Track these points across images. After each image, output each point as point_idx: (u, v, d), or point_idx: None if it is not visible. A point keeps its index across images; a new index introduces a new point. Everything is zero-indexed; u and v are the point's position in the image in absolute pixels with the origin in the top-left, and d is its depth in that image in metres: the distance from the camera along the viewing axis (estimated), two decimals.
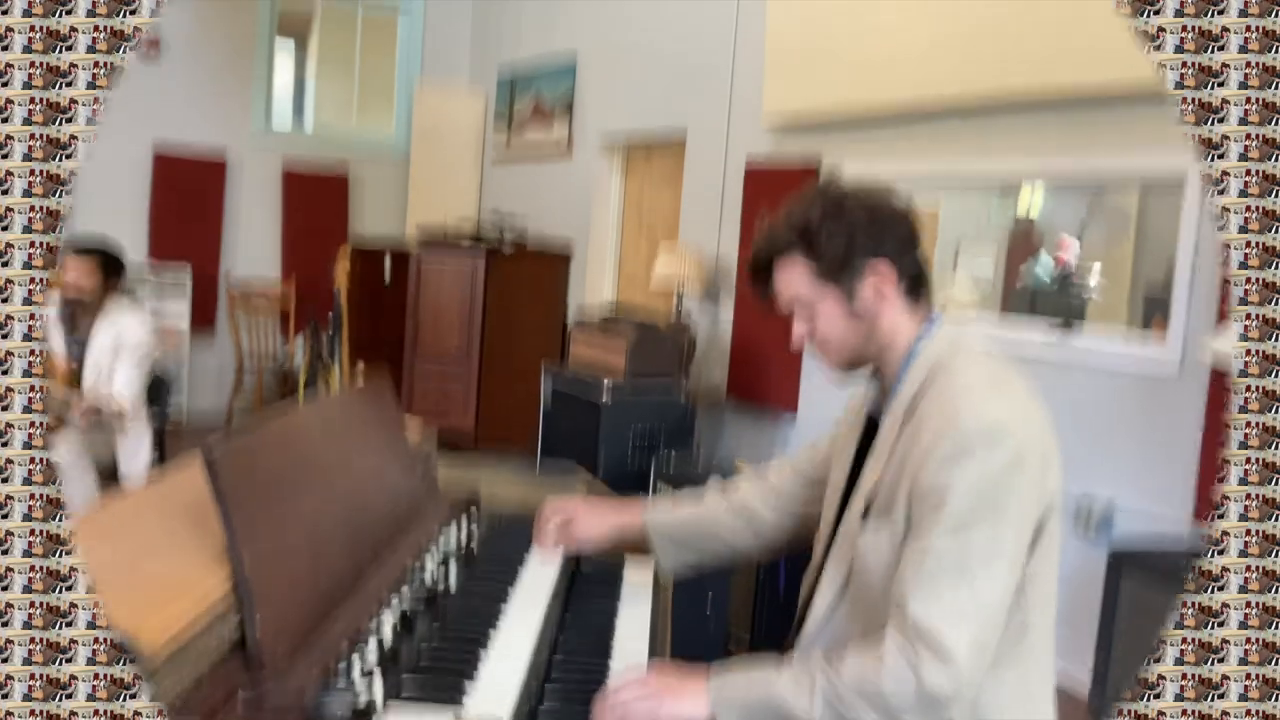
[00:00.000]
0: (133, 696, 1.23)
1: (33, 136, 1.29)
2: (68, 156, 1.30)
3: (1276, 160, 1.41)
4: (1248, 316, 1.43)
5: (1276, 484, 1.42)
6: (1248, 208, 1.42)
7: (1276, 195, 1.41)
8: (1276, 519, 1.42)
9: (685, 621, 2.03)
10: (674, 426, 4.99)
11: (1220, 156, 1.42)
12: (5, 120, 1.29)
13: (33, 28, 1.30)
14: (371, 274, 6.63)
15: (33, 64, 1.30)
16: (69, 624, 1.27)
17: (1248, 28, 1.41)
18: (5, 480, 1.28)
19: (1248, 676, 1.43)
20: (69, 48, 1.31)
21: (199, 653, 1.21)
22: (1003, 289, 7.12)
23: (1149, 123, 3.66)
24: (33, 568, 1.28)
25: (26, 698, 1.25)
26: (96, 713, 1.25)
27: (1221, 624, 1.43)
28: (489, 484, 2.29)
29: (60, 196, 1.30)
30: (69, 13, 1.30)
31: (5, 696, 1.24)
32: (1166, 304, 3.73)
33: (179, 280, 6.96)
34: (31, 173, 1.29)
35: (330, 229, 7.52)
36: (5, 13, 1.29)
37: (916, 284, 1.58)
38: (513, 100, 7.42)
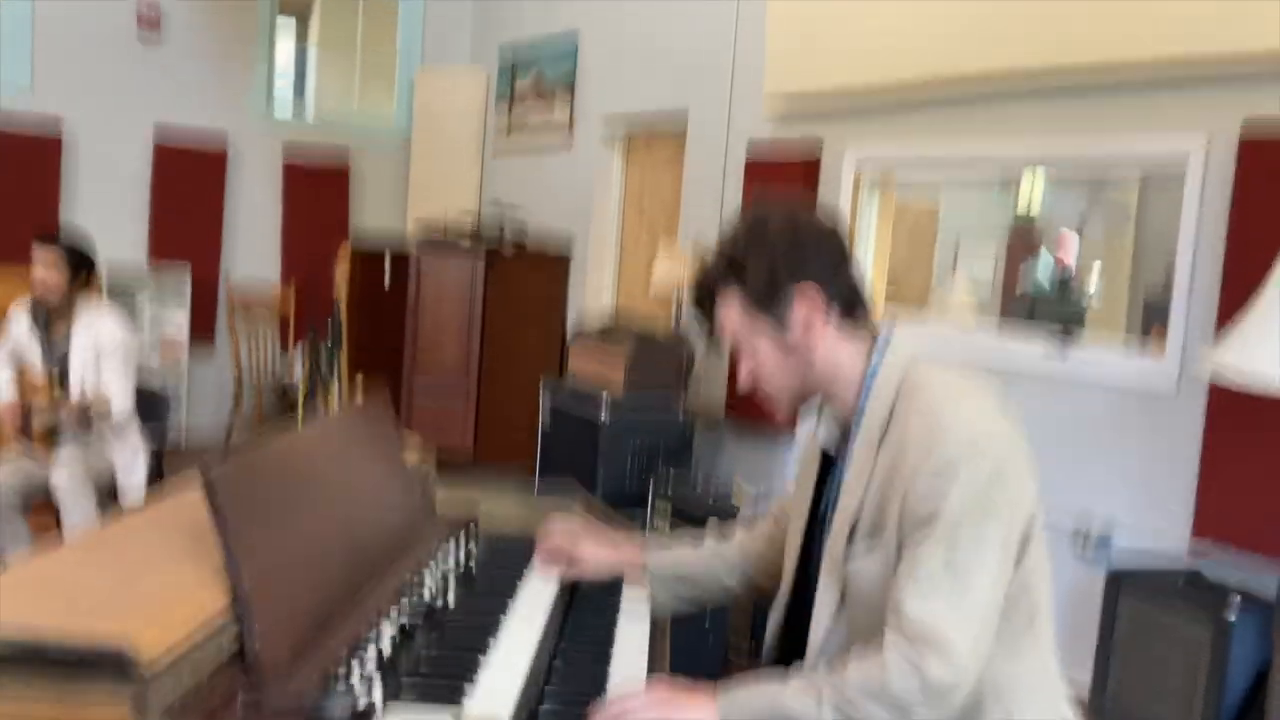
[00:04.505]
0: None
1: None
2: None
3: None
4: None
5: None
6: None
7: None
8: None
9: (684, 631, 2.04)
10: (673, 445, 4.95)
11: None
12: None
13: None
14: (371, 277, 6.56)
15: None
16: None
17: None
18: None
19: None
20: None
21: (198, 662, 1.22)
22: (1001, 293, 7.12)
23: (1152, 106, 3.62)
24: None
25: None
26: None
27: None
28: (487, 505, 2.29)
29: None
30: None
31: None
32: (1166, 309, 3.68)
33: (179, 283, 6.85)
34: None
35: (331, 224, 7.41)
36: None
37: (851, 305, 1.56)
38: (514, 81, 7.38)
